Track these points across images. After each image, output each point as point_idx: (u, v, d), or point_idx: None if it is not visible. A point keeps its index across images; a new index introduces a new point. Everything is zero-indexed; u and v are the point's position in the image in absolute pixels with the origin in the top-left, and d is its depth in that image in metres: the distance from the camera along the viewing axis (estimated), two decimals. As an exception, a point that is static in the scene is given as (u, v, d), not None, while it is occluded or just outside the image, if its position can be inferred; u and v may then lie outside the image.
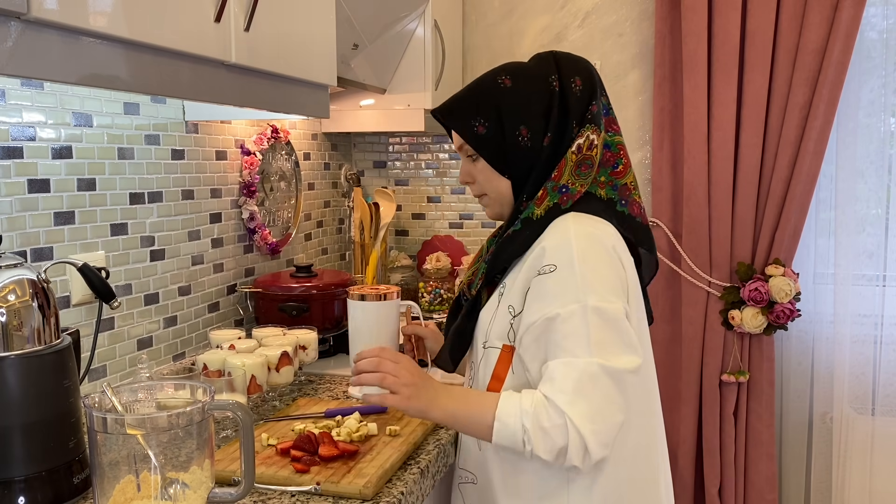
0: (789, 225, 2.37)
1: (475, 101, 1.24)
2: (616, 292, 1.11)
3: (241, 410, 1.00)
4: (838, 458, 2.48)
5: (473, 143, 1.24)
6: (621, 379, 1.08)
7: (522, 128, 1.21)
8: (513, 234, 1.20)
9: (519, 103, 1.21)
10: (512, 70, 1.25)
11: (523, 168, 1.22)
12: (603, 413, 1.07)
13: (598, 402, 1.06)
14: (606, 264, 1.13)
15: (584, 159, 1.19)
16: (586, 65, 1.26)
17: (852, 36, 2.24)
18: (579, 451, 1.06)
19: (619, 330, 1.09)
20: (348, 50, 1.85)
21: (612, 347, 1.08)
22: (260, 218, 2.08)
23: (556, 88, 1.21)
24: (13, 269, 1.07)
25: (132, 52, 1.07)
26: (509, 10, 2.68)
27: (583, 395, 1.06)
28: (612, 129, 1.25)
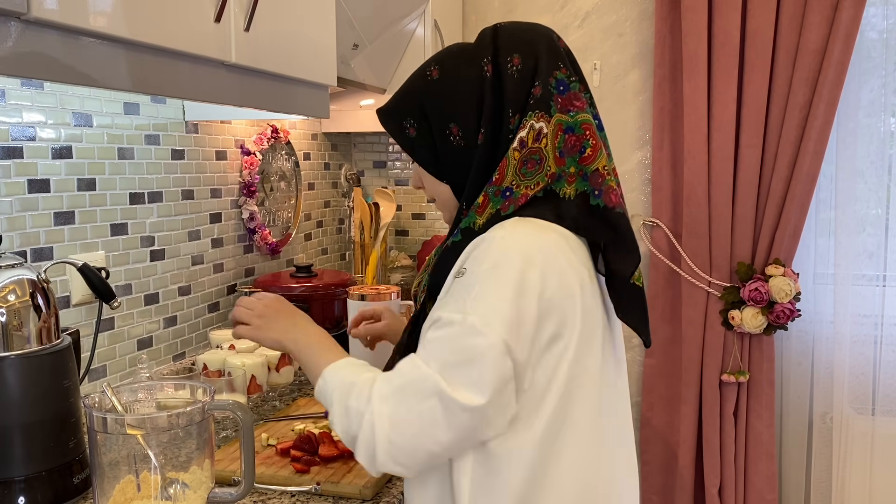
0: (789, 225, 2.37)
1: (405, 99, 1.11)
2: (504, 322, 0.93)
3: (241, 410, 1.00)
4: (838, 458, 2.48)
5: (405, 147, 1.12)
6: (453, 411, 0.92)
7: (452, 126, 1.05)
8: (452, 246, 1.04)
9: (445, 97, 1.06)
10: (442, 58, 1.10)
11: (460, 171, 1.07)
12: (411, 429, 0.93)
13: (413, 416, 0.93)
14: (512, 289, 0.94)
15: (531, 154, 1.01)
16: (531, 36, 1.07)
17: (852, 36, 2.24)
18: (367, 450, 0.95)
19: (479, 362, 0.92)
20: (348, 50, 1.85)
21: (462, 378, 0.92)
22: (260, 218, 2.08)
23: (489, 73, 1.04)
24: (13, 269, 1.07)
25: (132, 52, 1.07)
26: (509, 10, 2.67)
27: (402, 399, 0.94)
28: (574, 106, 1.03)
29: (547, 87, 1.03)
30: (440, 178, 1.11)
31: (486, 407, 0.92)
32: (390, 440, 0.93)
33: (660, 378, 2.62)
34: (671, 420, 2.61)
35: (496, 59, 1.04)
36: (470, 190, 1.05)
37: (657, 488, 2.65)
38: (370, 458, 0.95)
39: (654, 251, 2.55)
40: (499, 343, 0.92)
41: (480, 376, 0.92)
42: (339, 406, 0.98)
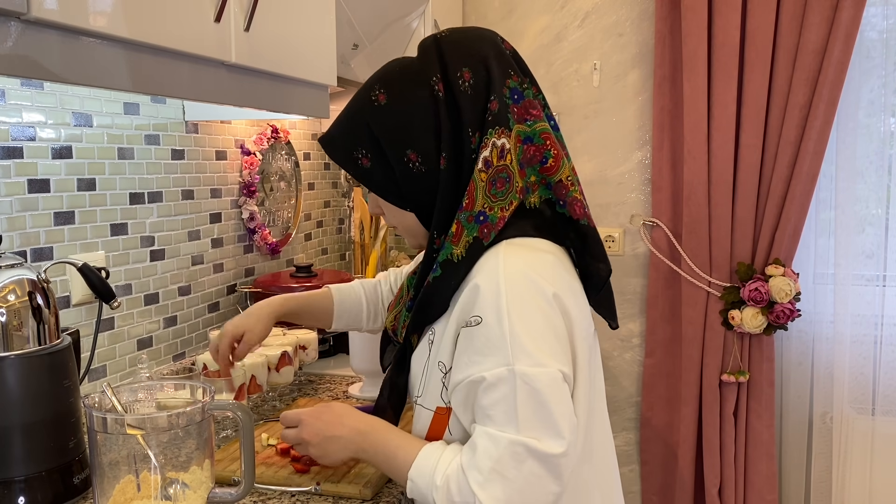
0: (789, 225, 2.37)
1: (351, 127, 1.04)
2: (551, 351, 0.93)
3: (241, 410, 1.00)
4: (838, 458, 2.48)
5: (361, 179, 1.05)
6: (550, 462, 0.92)
7: (409, 152, 1.00)
8: (434, 283, 1.00)
9: (398, 124, 1.00)
10: (386, 79, 1.03)
11: (423, 197, 1.02)
12: (525, 496, 0.92)
13: (521, 484, 0.92)
14: (541, 316, 0.93)
15: (498, 173, 0.97)
16: (476, 46, 1.01)
17: (852, 36, 2.25)
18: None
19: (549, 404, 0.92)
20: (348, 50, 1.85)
21: (542, 426, 0.92)
22: (260, 218, 2.08)
23: (440, 93, 0.99)
24: (13, 269, 1.07)
25: (132, 52, 1.07)
26: (509, 10, 2.67)
27: (500, 476, 0.92)
28: (530, 115, 1.00)
29: (502, 99, 0.99)
30: (403, 207, 1.06)
31: (571, 443, 0.94)
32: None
33: (660, 378, 2.62)
34: (671, 420, 2.61)
35: (446, 76, 0.99)
36: (439, 217, 1.01)
37: (657, 488, 2.65)
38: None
39: (654, 251, 2.55)
40: (556, 375, 0.93)
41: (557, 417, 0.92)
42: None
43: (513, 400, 0.91)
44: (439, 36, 1.04)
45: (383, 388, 1.16)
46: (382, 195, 1.06)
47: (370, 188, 1.07)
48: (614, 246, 2.68)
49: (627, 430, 2.73)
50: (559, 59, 2.66)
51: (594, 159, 2.68)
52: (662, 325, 2.59)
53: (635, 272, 2.67)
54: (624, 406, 2.74)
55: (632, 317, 2.69)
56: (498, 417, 0.93)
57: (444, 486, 0.95)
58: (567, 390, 0.95)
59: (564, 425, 0.93)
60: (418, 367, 1.08)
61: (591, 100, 2.66)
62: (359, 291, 1.43)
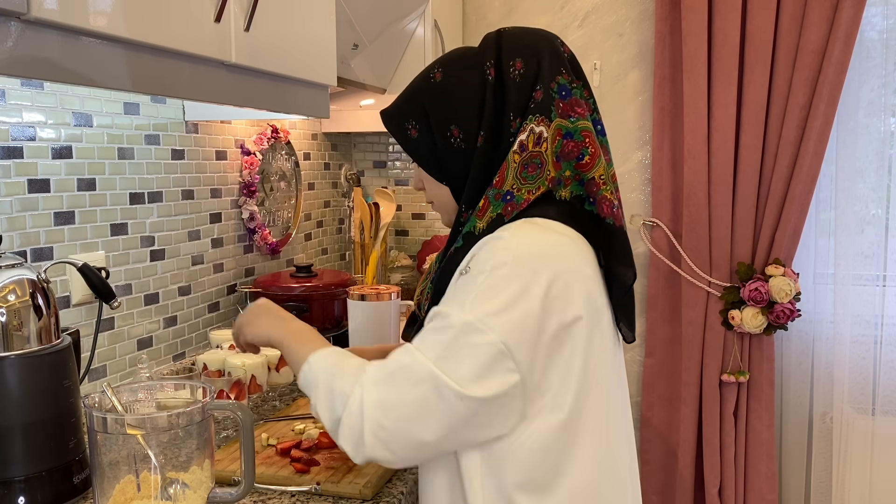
0: (789, 225, 2.37)
1: (408, 100, 1.12)
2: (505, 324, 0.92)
3: (241, 410, 1.00)
4: (838, 458, 2.48)
5: (407, 148, 1.12)
6: (447, 398, 0.91)
7: (453, 128, 1.06)
8: (454, 253, 1.04)
9: (447, 100, 1.07)
10: (446, 61, 1.10)
11: (459, 173, 1.07)
12: (402, 414, 0.92)
13: (405, 401, 0.92)
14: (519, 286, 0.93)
15: (531, 158, 1.01)
16: (534, 41, 1.07)
17: (852, 36, 2.25)
18: (352, 434, 0.93)
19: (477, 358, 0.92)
20: (348, 50, 1.85)
21: (459, 369, 0.92)
22: (260, 218, 2.08)
23: (491, 77, 1.05)
24: (13, 269, 1.07)
25: (132, 52, 1.07)
26: (509, 10, 2.68)
27: (394, 384, 0.93)
28: (575, 112, 1.03)
29: (548, 92, 1.03)
30: (440, 179, 1.11)
31: (484, 402, 0.92)
32: (379, 423, 0.92)
33: (660, 378, 2.62)
34: (671, 420, 2.61)
35: (499, 63, 1.05)
36: (469, 192, 1.06)
37: (657, 488, 2.65)
38: (356, 443, 0.94)
39: (654, 251, 2.55)
40: (497, 343, 0.92)
41: (478, 371, 0.92)
42: (324, 389, 0.97)
43: (445, 335, 0.93)
44: (504, 29, 1.10)
45: None
46: (424, 166, 1.12)
47: (414, 158, 1.13)
48: (614, 246, 2.68)
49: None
50: (559, 59, 2.66)
51: (594, 159, 2.68)
52: (662, 325, 2.59)
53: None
54: (624, 406, 2.74)
55: (632, 317, 2.69)
56: (427, 342, 0.95)
57: (332, 370, 0.98)
58: (506, 366, 0.92)
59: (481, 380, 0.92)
60: None
61: (591, 100, 2.66)
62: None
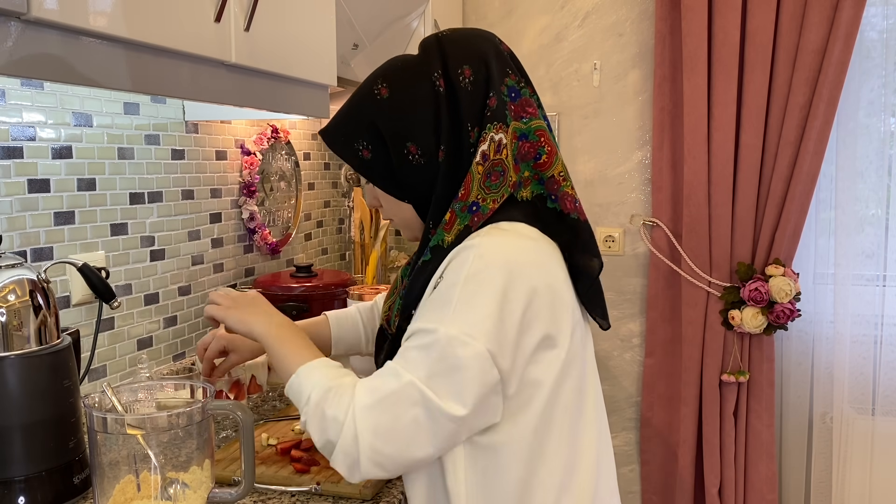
0: (789, 225, 2.37)
1: (354, 119, 1.07)
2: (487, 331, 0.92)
3: (241, 410, 1.00)
4: (838, 458, 2.48)
5: (361, 170, 1.08)
6: (438, 420, 0.92)
7: (410, 145, 1.02)
8: (422, 266, 1.03)
9: (400, 117, 1.03)
10: (389, 73, 1.06)
11: (421, 189, 1.05)
12: (397, 438, 0.93)
13: (399, 426, 0.93)
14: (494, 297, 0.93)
15: (493, 166, 1.00)
16: (476, 45, 1.04)
17: (852, 36, 2.25)
18: (347, 459, 0.94)
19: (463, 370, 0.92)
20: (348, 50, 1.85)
21: (447, 386, 0.92)
22: (260, 218, 2.08)
23: (441, 87, 1.01)
24: (13, 269, 1.07)
25: (132, 52, 1.07)
26: (509, 10, 2.67)
27: (386, 409, 0.93)
28: (527, 112, 1.03)
29: (500, 97, 1.02)
30: (401, 198, 1.08)
31: (470, 416, 0.93)
32: (375, 449, 0.93)
33: (660, 378, 2.62)
34: (671, 420, 2.61)
35: (447, 72, 1.02)
36: (435, 208, 1.03)
37: (657, 488, 2.65)
38: (351, 467, 0.94)
39: (654, 251, 2.56)
40: (483, 352, 0.92)
41: (465, 386, 0.92)
42: (315, 410, 0.97)
43: (431, 353, 0.93)
44: (441, 35, 1.06)
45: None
46: (382, 186, 1.09)
47: (370, 179, 1.10)
48: (614, 246, 2.68)
49: (627, 430, 2.73)
50: (559, 59, 2.66)
51: (594, 159, 2.68)
52: (662, 325, 2.59)
53: (635, 272, 2.67)
54: (624, 406, 2.74)
55: (632, 317, 2.69)
56: (411, 360, 0.94)
57: (323, 391, 0.97)
58: (490, 371, 0.93)
59: (469, 396, 0.92)
60: None
61: (591, 100, 2.66)
62: (355, 315, 1.42)
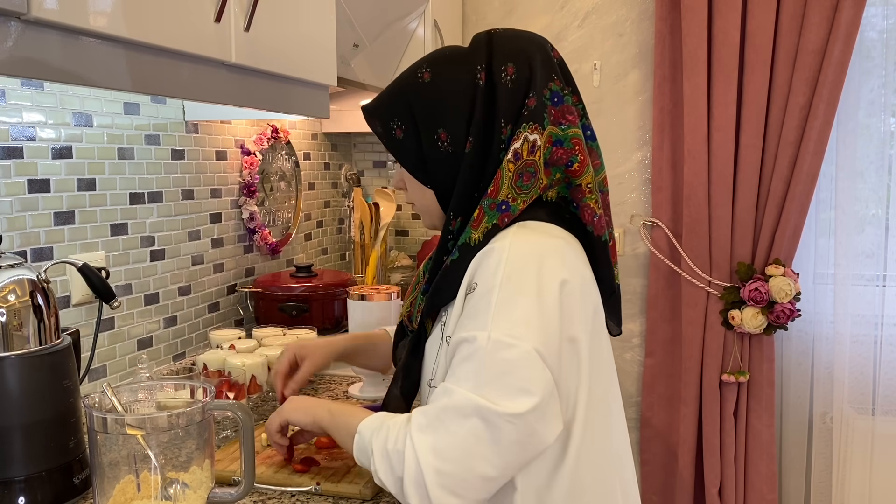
0: (789, 225, 2.37)
1: (394, 98, 1.08)
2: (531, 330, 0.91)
3: (241, 410, 1.00)
4: (838, 458, 2.48)
5: (391, 149, 1.09)
6: (496, 424, 0.89)
7: (441, 131, 1.03)
8: (451, 266, 1.01)
9: (435, 102, 1.03)
10: (435, 60, 1.07)
11: (446, 178, 1.04)
12: (457, 454, 0.89)
13: (457, 441, 0.89)
14: (532, 295, 0.93)
15: (526, 167, 0.99)
16: (525, 45, 1.04)
17: (852, 36, 2.25)
18: (417, 488, 0.90)
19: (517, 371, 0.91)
20: (348, 50, 1.85)
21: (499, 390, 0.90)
22: (260, 218, 2.08)
23: (482, 81, 1.02)
24: (13, 269, 1.07)
25: (132, 52, 1.07)
26: (509, 10, 2.67)
27: (442, 426, 0.90)
28: (566, 120, 1.02)
29: (541, 99, 1.01)
30: (425, 182, 1.08)
31: (529, 414, 0.90)
32: (437, 470, 0.89)
33: (660, 378, 2.62)
34: (671, 420, 2.61)
35: (490, 67, 1.02)
36: (457, 200, 1.03)
37: (657, 488, 2.65)
38: (423, 496, 0.90)
39: (654, 251, 2.55)
40: (531, 352, 0.91)
41: (518, 385, 0.90)
42: (379, 454, 0.94)
43: (479, 361, 0.91)
44: (493, 31, 1.07)
45: (396, 377, 1.15)
46: (408, 168, 1.09)
47: (398, 159, 1.10)
48: (614, 246, 2.68)
49: (627, 430, 2.74)
50: (559, 59, 2.66)
51: (594, 159, 2.68)
52: (662, 325, 2.59)
53: (635, 272, 2.67)
54: (624, 406, 2.73)
55: (632, 317, 2.69)
56: (460, 374, 0.93)
57: (383, 434, 0.95)
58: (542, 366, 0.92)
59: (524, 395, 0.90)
60: (432, 352, 1.08)
61: (591, 100, 2.66)
62: None
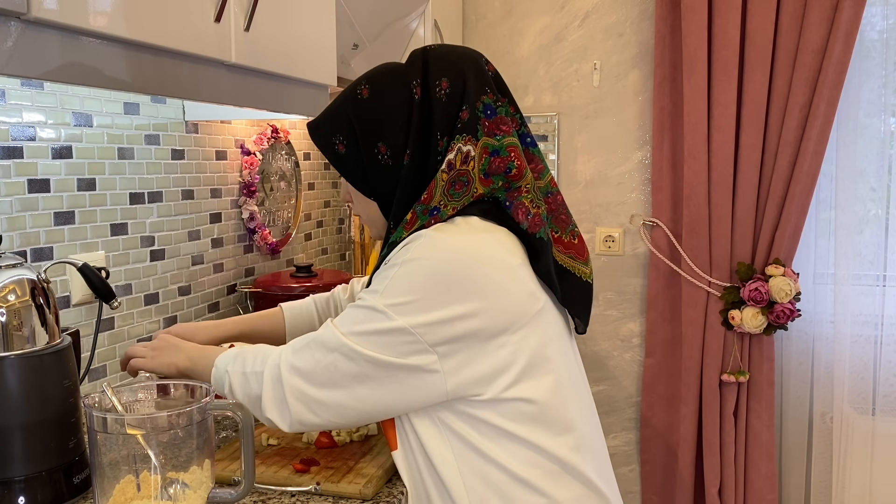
0: (789, 225, 2.37)
1: (335, 115, 1.12)
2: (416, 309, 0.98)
3: (241, 410, 1.00)
4: (838, 458, 2.48)
5: (334, 163, 1.13)
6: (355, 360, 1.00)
7: (380, 145, 1.08)
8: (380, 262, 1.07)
9: (374, 117, 1.08)
10: (373, 78, 1.11)
11: (387, 190, 1.10)
12: (314, 377, 1.01)
13: (316, 367, 1.01)
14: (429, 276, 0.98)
15: (459, 176, 1.04)
16: (459, 60, 1.08)
17: (852, 36, 2.25)
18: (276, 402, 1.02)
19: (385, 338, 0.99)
20: (348, 50, 1.85)
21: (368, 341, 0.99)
22: (260, 218, 2.08)
23: (417, 95, 1.06)
24: (13, 269, 1.07)
25: (132, 52, 1.07)
26: (509, 10, 2.68)
27: (307, 353, 1.02)
28: (500, 130, 1.06)
29: (474, 112, 1.05)
30: (368, 195, 1.13)
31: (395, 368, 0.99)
32: (297, 387, 1.01)
33: (660, 378, 2.62)
34: (671, 420, 2.61)
35: (425, 82, 1.07)
36: (397, 208, 1.09)
37: (657, 488, 2.65)
38: (280, 410, 1.02)
39: (654, 251, 2.56)
40: (406, 327, 0.98)
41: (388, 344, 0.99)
42: (237, 376, 1.05)
43: (358, 314, 1.01)
44: (429, 48, 1.12)
45: None
46: (352, 181, 1.14)
47: (342, 173, 1.14)
48: (614, 246, 2.68)
49: (627, 430, 2.73)
50: (559, 59, 2.66)
51: (594, 159, 2.68)
52: (662, 325, 2.59)
53: (635, 272, 2.67)
54: (624, 406, 2.74)
55: (632, 317, 2.69)
56: (342, 319, 1.03)
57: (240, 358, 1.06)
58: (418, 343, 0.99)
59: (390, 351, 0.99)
60: None
61: (591, 100, 2.66)
62: (310, 307, 1.47)
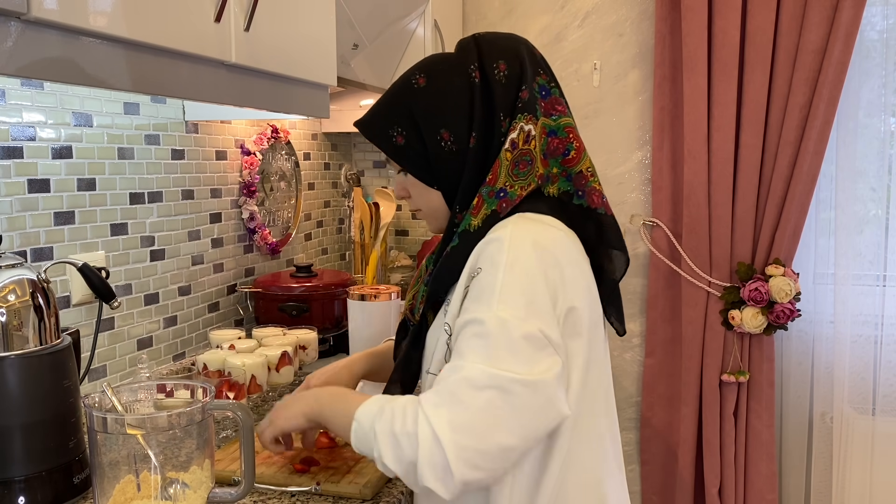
0: (789, 225, 2.37)
1: (390, 108, 1.11)
2: (536, 310, 0.94)
3: (241, 410, 1.00)
4: (838, 458, 2.48)
5: (394, 156, 1.12)
6: (511, 391, 0.90)
7: (443, 131, 1.07)
8: (451, 252, 1.05)
9: (435, 104, 1.07)
10: (427, 66, 1.11)
11: (452, 176, 1.08)
12: (478, 426, 0.89)
13: (474, 413, 0.89)
14: (536, 277, 0.96)
15: (522, 155, 1.04)
16: (511, 44, 1.10)
17: (852, 36, 2.25)
18: (434, 468, 0.88)
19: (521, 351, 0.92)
20: (348, 50, 1.85)
21: (509, 361, 0.91)
22: (260, 218, 2.08)
23: (477, 79, 1.07)
24: (13, 269, 1.07)
25: (132, 52, 1.07)
26: (509, 10, 2.67)
27: (456, 401, 0.89)
28: (556, 110, 1.08)
29: (532, 92, 1.07)
30: (431, 184, 1.12)
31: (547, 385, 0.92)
32: (460, 444, 0.88)
33: (660, 378, 2.62)
34: (671, 420, 2.61)
35: (482, 66, 1.07)
36: (463, 194, 1.07)
37: (657, 488, 2.65)
38: (443, 476, 0.88)
39: (654, 251, 2.55)
40: (535, 332, 0.93)
41: (528, 357, 0.92)
42: (385, 439, 0.92)
43: (488, 339, 0.92)
44: (478, 35, 1.12)
45: (395, 369, 1.16)
46: (413, 172, 1.12)
47: (402, 164, 1.13)
48: (614, 246, 2.68)
49: (627, 430, 2.73)
50: (559, 59, 2.66)
51: (594, 159, 2.64)
52: (662, 325, 2.59)
53: (635, 272, 2.67)
54: (624, 406, 2.74)
55: (632, 317, 2.69)
56: (468, 352, 0.93)
57: (390, 416, 0.93)
58: (547, 346, 0.94)
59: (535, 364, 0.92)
60: (432, 341, 1.10)
61: (591, 100, 2.66)
62: None
